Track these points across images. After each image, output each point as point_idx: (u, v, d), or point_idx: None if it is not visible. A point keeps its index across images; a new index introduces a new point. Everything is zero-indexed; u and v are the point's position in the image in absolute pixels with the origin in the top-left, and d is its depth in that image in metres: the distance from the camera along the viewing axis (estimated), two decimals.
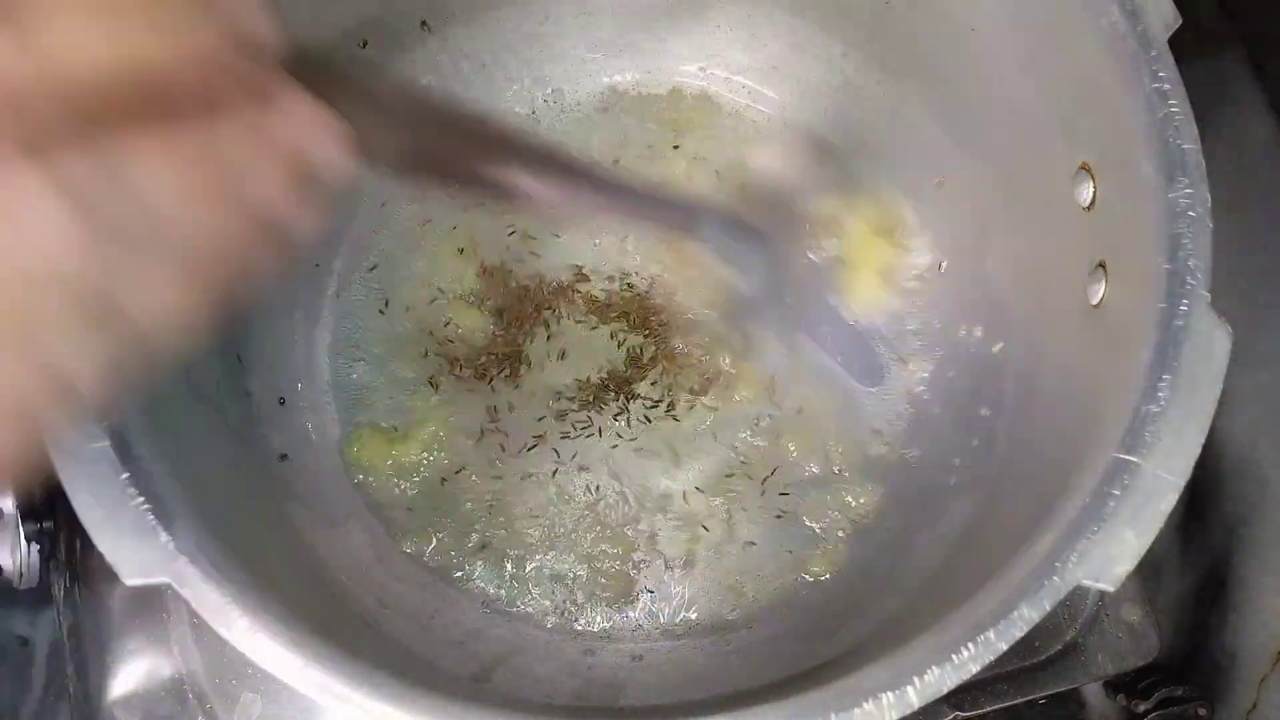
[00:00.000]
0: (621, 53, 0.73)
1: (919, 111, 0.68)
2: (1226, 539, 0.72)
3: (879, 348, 0.62)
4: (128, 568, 0.40)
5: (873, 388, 0.63)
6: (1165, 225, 0.45)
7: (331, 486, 0.63)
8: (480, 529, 0.64)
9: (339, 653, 0.41)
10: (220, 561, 0.41)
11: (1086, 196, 0.52)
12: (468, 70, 0.71)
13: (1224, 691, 0.70)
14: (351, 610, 0.54)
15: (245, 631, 0.40)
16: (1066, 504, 0.43)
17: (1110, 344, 0.48)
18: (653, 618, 0.63)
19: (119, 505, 0.41)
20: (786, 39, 0.71)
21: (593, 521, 0.64)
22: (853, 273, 0.69)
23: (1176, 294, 0.44)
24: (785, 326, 0.63)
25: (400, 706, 0.40)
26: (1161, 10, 0.48)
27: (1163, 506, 0.42)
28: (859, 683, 0.40)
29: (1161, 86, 0.47)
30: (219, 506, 0.46)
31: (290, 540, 0.56)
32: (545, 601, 0.63)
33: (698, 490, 0.65)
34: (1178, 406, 0.43)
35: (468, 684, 0.56)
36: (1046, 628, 0.62)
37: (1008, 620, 0.40)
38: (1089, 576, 0.41)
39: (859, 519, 0.65)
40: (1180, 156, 0.46)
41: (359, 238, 0.69)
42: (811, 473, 0.66)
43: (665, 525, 0.64)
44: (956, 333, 0.67)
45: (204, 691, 0.57)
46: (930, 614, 0.44)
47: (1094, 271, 0.51)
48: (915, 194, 0.69)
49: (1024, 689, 0.62)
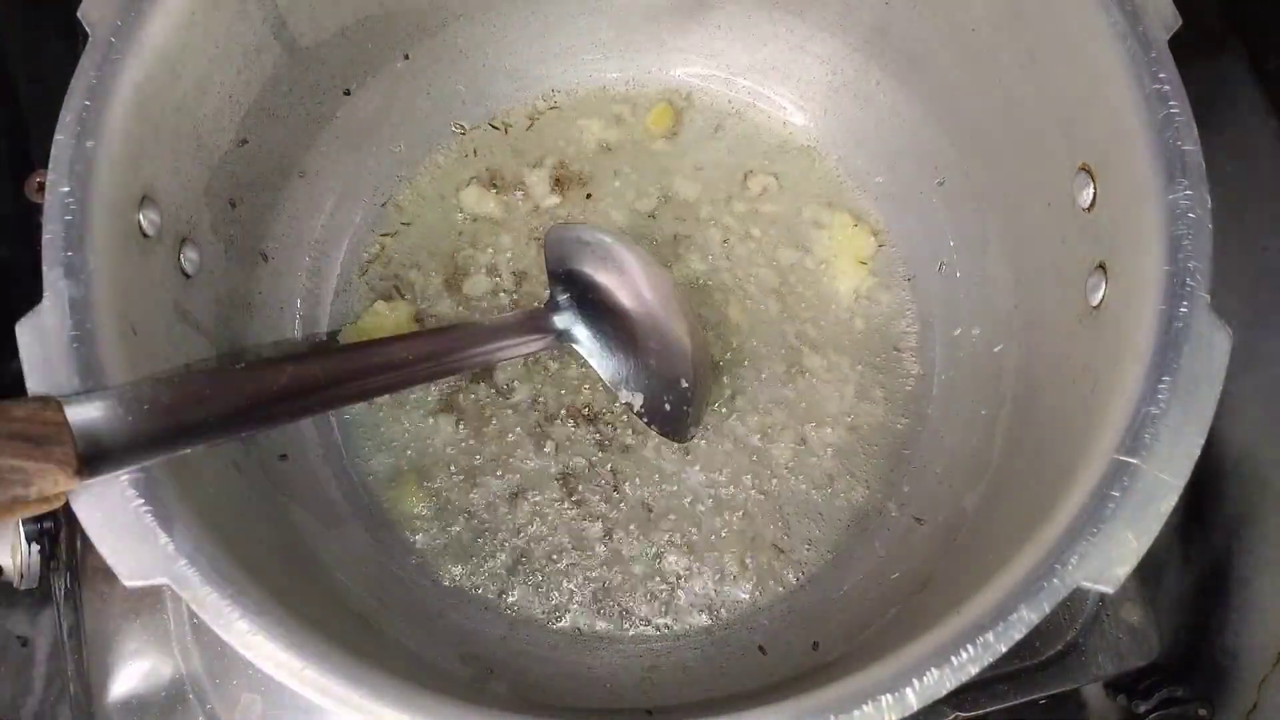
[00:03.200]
0: (621, 53, 0.73)
1: (919, 111, 0.68)
2: (1226, 539, 0.72)
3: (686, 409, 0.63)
4: (127, 569, 0.40)
5: (681, 443, 0.65)
6: (1165, 226, 0.45)
7: (331, 486, 0.63)
8: (481, 531, 0.64)
9: (339, 653, 0.41)
10: (220, 563, 0.41)
11: (1087, 197, 0.52)
12: (468, 69, 0.71)
13: (1224, 692, 0.70)
14: (351, 610, 0.54)
15: (245, 633, 0.40)
16: (1066, 505, 0.43)
17: (1110, 345, 0.48)
18: (653, 619, 0.63)
19: (119, 506, 0.41)
20: (786, 39, 0.71)
21: (594, 527, 0.64)
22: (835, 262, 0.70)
23: (1176, 295, 0.44)
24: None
25: (400, 707, 0.40)
26: (1161, 11, 0.48)
27: (1163, 508, 0.42)
28: (859, 684, 0.40)
29: (1161, 87, 0.47)
30: (219, 507, 0.46)
31: (290, 540, 0.56)
32: (545, 603, 0.63)
33: (698, 494, 0.65)
34: (1178, 408, 0.43)
35: (468, 684, 0.56)
36: (1047, 628, 0.62)
37: (1007, 622, 0.40)
38: (1089, 578, 0.41)
39: (857, 520, 0.65)
40: (1180, 157, 0.46)
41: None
42: (811, 473, 0.66)
43: (665, 528, 0.64)
44: (955, 332, 0.67)
45: (204, 691, 0.57)
46: (930, 615, 0.43)
47: (1094, 273, 0.51)
48: (915, 194, 0.69)
49: (1024, 689, 0.62)
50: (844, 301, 0.69)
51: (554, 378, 0.67)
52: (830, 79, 0.71)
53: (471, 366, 0.63)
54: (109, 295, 0.44)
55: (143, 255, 0.49)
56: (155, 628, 0.58)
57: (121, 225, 0.47)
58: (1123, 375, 0.44)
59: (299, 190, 0.66)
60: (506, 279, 0.69)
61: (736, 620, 0.63)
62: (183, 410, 0.43)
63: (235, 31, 0.55)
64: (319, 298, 0.68)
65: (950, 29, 0.61)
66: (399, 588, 0.61)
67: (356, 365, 0.54)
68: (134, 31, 0.48)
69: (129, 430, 0.41)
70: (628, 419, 0.66)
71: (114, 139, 0.46)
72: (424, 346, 0.57)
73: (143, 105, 0.48)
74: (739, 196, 0.72)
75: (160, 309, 0.51)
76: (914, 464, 0.66)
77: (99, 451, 0.39)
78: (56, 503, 0.39)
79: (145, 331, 0.47)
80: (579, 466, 0.65)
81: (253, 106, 0.58)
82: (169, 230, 0.51)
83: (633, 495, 0.65)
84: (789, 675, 0.56)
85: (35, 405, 0.39)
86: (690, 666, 0.60)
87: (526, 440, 0.66)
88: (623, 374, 0.63)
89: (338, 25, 0.62)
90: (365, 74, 0.66)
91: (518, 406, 0.66)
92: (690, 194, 0.72)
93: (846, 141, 0.72)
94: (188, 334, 0.53)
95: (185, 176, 0.53)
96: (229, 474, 0.52)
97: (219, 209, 0.58)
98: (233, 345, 0.59)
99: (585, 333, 0.63)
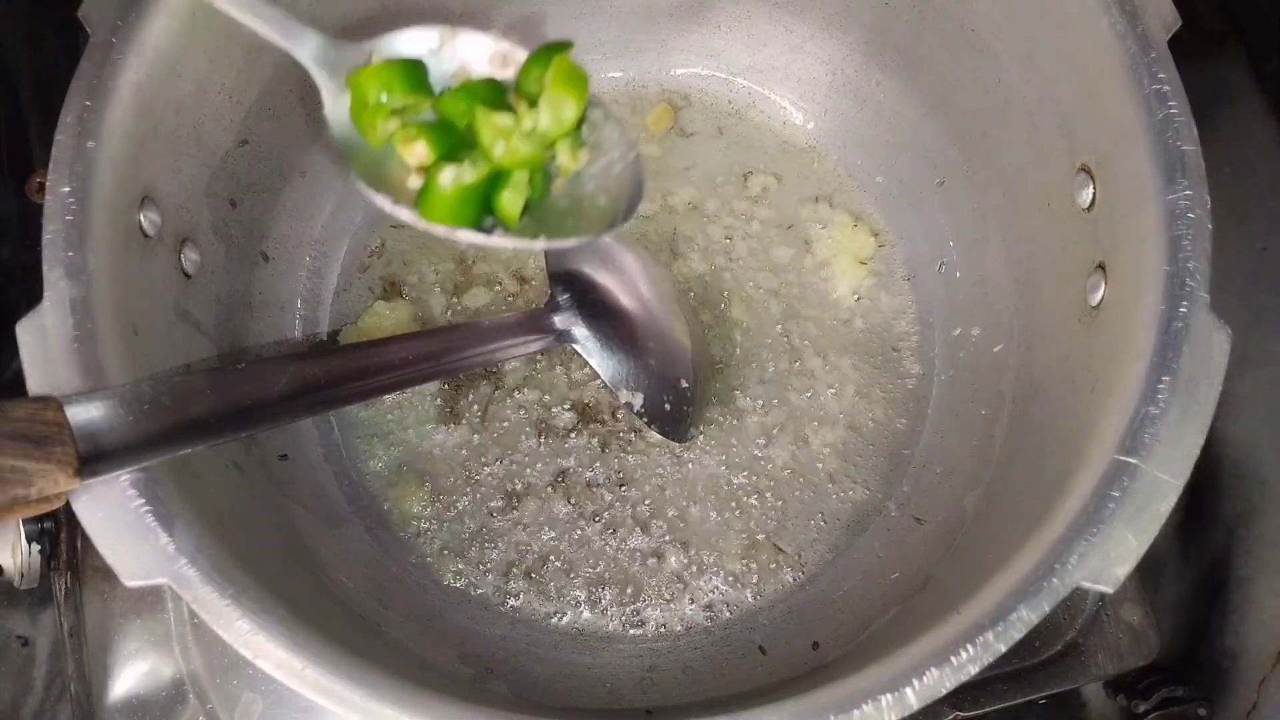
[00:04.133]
0: (621, 52, 0.73)
1: (919, 111, 0.68)
2: (1226, 539, 0.72)
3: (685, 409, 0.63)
4: (128, 569, 0.40)
5: (681, 442, 0.65)
6: (1165, 227, 0.45)
7: (331, 486, 0.63)
8: (482, 531, 0.64)
9: (339, 653, 0.41)
10: (220, 563, 0.41)
11: (1086, 197, 0.52)
12: None
13: (1224, 691, 0.70)
14: (351, 610, 0.54)
15: (245, 633, 0.40)
16: (1066, 505, 0.43)
17: (1110, 345, 0.48)
18: (653, 619, 0.63)
19: (119, 506, 0.41)
20: (786, 39, 0.71)
21: (593, 526, 0.64)
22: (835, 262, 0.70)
23: (1176, 296, 0.44)
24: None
25: (400, 707, 0.40)
26: (1161, 11, 0.48)
27: (1162, 508, 0.42)
28: (858, 684, 0.40)
29: (1161, 88, 0.47)
30: (219, 507, 0.46)
31: (290, 540, 0.56)
32: (545, 603, 0.63)
33: (698, 494, 0.65)
34: (1177, 408, 0.43)
35: (468, 684, 0.56)
36: (1046, 628, 0.62)
37: (1007, 622, 0.41)
38: (1088, 578, 0.41)
39: (857, 520, 0.65)
40: (1180, 157, 0.46)
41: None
42: (811, 473, 0.66)
43: (665, 528, 0.64)
44: (955, 332, 0.67)
45: (204, 691, 0.57)
46: (930, 615, 0.43)
47: (1093, 273, 0.51)
48: (915, 194, 0.69)
49: (1024, 689, 0.62)
50: (844, 301, 0.69)
51: (554, 378, 0.67)
52: (830, 79, 0.71)
53: (471, 366, 0.63)
54: (109, 295, 0.44)
55: (143, 255, 0.49)
56: (155, 628, 0.58)
57: (122, 225, 0.47)
58: (1123, 375, 0.44)
59: (299, 190, 0.66)
60: (507, 279, 0.69)
61: (736, 620, 0.63)
62: (183, 410, 0.43)
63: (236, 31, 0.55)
64: (319, 298, 0.68)
65: (950, 29, 0.61)
66: (399, 588, 0.61)
67: (356, 365, 0.54)
68: (134, 31, 0.48)
69: (129, 430, 0.41)
70: (628, 419, 0.66)
71: (114, 139, 0.46)
72: (424, 346, 0.57)
73: (143, 105, 0.48)
74: (739, 196, 0.72)
75: (160, 309, 0.51)
76: (914, 464, 0.66)
77: (99, 451, 0.39)
78: (57, 503, 0.39)
79: (145, 331, 0.48)
80: (579, 466, 0.65)
81: (253, 106, 0.58)
82: (169, 230, 0.51)
83: (633, 495, 0.65)
84: (789, 675, 0.56)
85: (35, 405, 0.39)
86: (690, 666, 0.60)
87: (527, 440, 0.66)
88: (623, 374, 0.63)
89: (338, 25, 0.62)
90: None
91: (518, 406, 0.66)
92: (690, 194, 0.72)
93: (846, 141, 0.72)
94: (188, 334, 0.54)
95: (185, 176, 0.53)
96: (229, 474, 0.53)
97: (219, 209, 0.58)
98: (233, 345, 0.59)
99: (585, 332, 0.63)
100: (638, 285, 0.63)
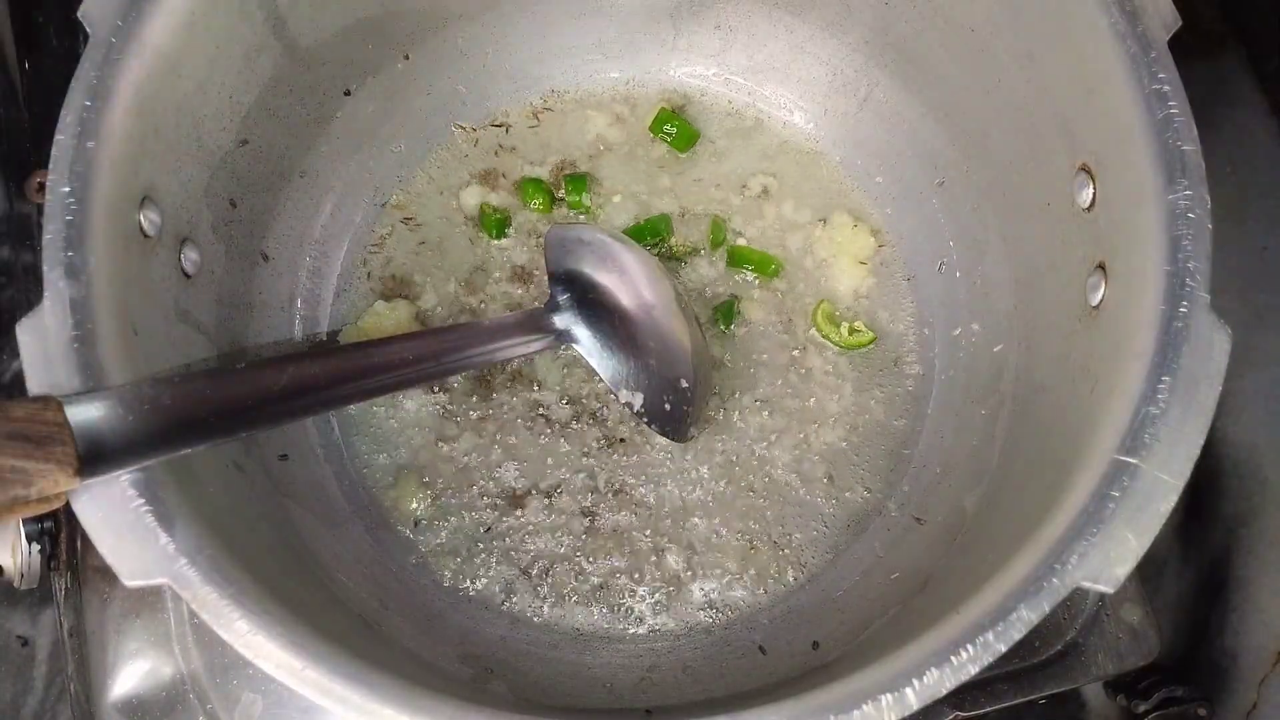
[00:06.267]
0: (622, 53, 0.73)
1: (919, 111, 0.68)
2: (1226, 539, 0.72)
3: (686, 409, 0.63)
4: (128, 569, 0.40)
5: (681, 442, 0.65)
6: (1165, 227, 0.45)
7: (332, 486, 0.63)
8: (482, 531, 0.64)
9: (339, 653, 0.41)
10: (220, 562, 0.41)
11: (1086, 197, 0.52)
12: (468, 69, 0.71)
13: (1224, 691, 0.70)
14: (351, 610, 0.54)
15: (245, 633, 0.40)
16: (1066, 505, 0.43)
17: (1110, 345, 0.48)
18: (653, 619, 0.63)
19: (119, 506, 0.41)
20: (786, 39, 0.71)
21: (593, 526, 0.64)
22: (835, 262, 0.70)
23: (1176, 296, 0.44)
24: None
25: (400, 707, 0.40)
26: (1161, 11, 0.48)
27: (1162, 508, 0.42)
28: (858, 684, 0.40)
29: (1161, 87, 0.47)
30: (219, 507, 0.46)
31: (290, 540, 0.56)
32: (545, 602, 0.63)
33: (698, 494, 0.65)
34: (1177, 408, 0.43)
35: (468, 684, 0.56)
36: (1047, 628, 0.62)
37: (1007, 622, 0.41)
38: (1088, 578, 0.41)
39: (857, 520, 0.65)
40: (1180, 157, 0.46)
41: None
42: (811, 473, 0.66)
43: (665, 528, 0.64)
44: (955, 332, 0.67)
45: (204, 691, 0.57)
46: (929, 615, 0.43)
47: (1094, 273, 0.51)
48: (915, 194, 0.69)
49: (1024, 689, 0.62)
50: (844, 301, 0.69)
51: (554, 378, 0.67)
52: (830, 79, 0.71)
53: (471, 366, 0.63)
54: (109, 295, 0.44)
55: (143, 255, 0.49)
56: (155, 628, 0.58)
57: (122, 225, 0.47)
58: (1123, 375, 0.44)
59: (299, 190, 0.66)
60: (507, 280, 0.69)
61: (736, 620, 0.63)
62: (183, 410, 0.43)
63: (235, 31, 0.55)
64: (319, 298, 0.68)
65: (950, 29, 0.61)
66: (399, 588, 0.61)
67: (356, 365, 0.54)
68: (134, 31, 0.48)
69: (129, 430, 0.41)
70: (628, 419, 0.66)
71: (114, 139, 0.46)
72: (424, 346, 0.57)
73: (143, 105, 0.48)
74: (739, 196, 0.72)
75: (160, 309, 0.51)
76: (914, 464, 0.66)
77: (99, 451, 0.39)
78: (57, 503, 0.39)
79: (145, 331, 0.47)
80: (579, 466, 0.65)
81: (253, 106, 0.58)
82: (169, 230, 0.51)
83: (633, 495, 0.65)
84: (789, 675, 0.56)
85: (35, 405, 0.39)
86: (690, 666, 0.60)
87: (527, 440, 0.66)
88: (623, 374, 0.63)
89: (338, 25, 0.62)
90: (365, 74, 0.66)
91: (518, 406, 0.66)
92: (690, 194, 0.72)
93: (846, 141, 0.72)
94: (188, 334, 0.54)
95: (185, 176, 0.53)
96: (229, 474, 0.53)
97: (219, 209, 0.58)
98: (233, 345, 0.59)
99: (585, 333, 0.63)
100: (638, 285, 0.63)
